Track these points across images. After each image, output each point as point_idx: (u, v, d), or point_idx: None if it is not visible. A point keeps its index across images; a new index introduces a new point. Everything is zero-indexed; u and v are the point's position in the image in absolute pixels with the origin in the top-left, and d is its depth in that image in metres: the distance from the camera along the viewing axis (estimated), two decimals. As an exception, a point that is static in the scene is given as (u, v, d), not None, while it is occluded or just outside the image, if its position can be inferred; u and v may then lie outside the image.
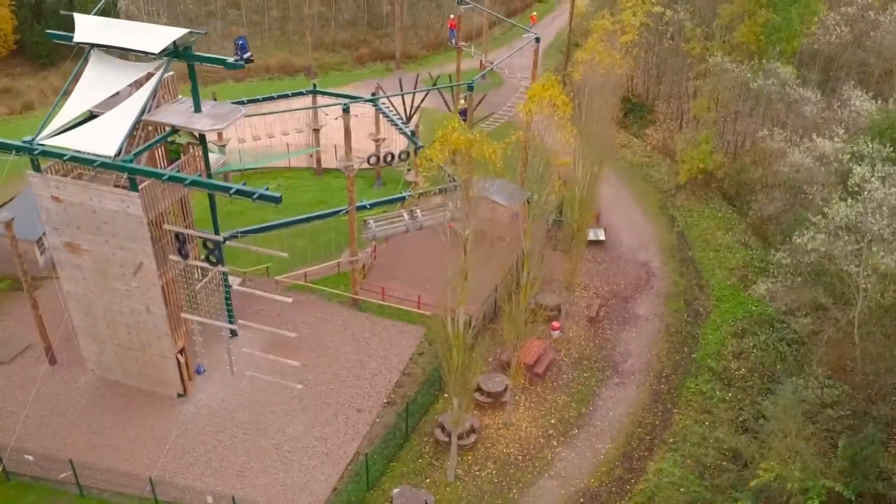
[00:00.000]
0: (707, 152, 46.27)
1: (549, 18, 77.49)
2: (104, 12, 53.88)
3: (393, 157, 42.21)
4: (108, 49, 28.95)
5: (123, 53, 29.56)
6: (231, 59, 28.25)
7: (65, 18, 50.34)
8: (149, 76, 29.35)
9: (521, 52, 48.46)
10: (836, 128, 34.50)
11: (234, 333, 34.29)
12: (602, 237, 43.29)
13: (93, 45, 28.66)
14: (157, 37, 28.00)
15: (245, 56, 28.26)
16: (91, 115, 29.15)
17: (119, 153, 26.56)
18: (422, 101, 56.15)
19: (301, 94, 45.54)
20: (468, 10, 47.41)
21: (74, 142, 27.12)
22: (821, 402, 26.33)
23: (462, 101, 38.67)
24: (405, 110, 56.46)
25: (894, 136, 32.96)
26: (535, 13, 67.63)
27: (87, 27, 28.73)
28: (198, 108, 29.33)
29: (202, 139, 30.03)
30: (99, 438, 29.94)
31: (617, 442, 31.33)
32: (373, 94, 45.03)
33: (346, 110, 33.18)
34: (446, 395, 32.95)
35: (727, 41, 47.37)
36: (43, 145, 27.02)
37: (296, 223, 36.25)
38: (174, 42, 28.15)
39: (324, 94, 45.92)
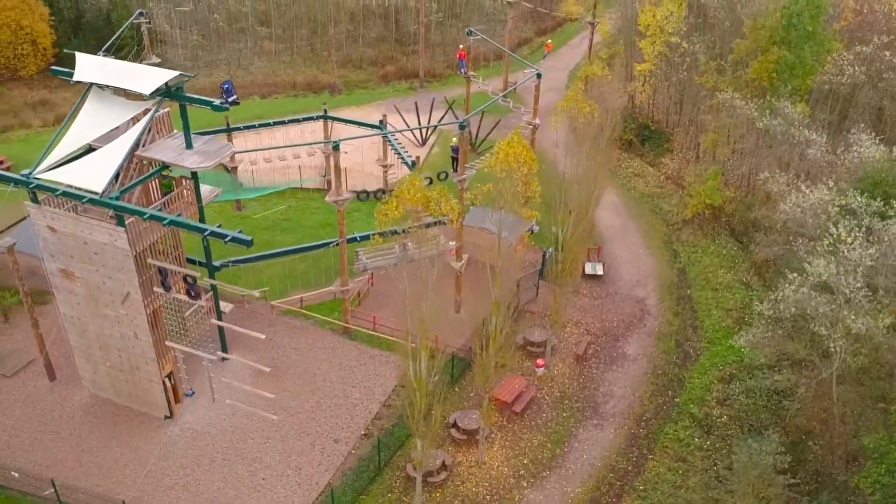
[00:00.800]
0: (714, 188, 45.94)
1: (578, 39, 77.43)
2: (138, 28, 56.11)
3: (384, 192, 42.84)
4: (105, 87, 30.31)
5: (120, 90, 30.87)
6: (217, 102, 29.23)
7: (102, 32, 52.17)
8: (146, 112, 30.63)
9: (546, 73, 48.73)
10: (826, 179, 34.06)
11: (224, 358, 35.59)
12: (600, 272, 43.36)
13: (91, 84, 30.06)
14: (149, 78, 29.22)
15: (230, 100, 29.27)
16: (90, 149, 30.60)
17: (107, 190, 27.88)
18: (438, 123, 57.18)
19: (311, 118, 46.61)
20: (477, 41, 47.79)
21: (68, 176, 28.51)
22: (773, 467, 26.17)
23: (454, 140, 39.15)
24: (421, 132, 57.46)
25: (887, 189, 32.47)
26: (550, 41, 67.50)
27: (86, 66, 30.14)
28: (189, 145, 30.48)
29: (194, 173, 31.18)
30: (87, 456, 31.38)
31: (587, 486, 31.55)
32: (380, 122, 45.84)
33: (335, 147, 33.96)
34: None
35: (740, 76, 46.92)
36: (38, 179, 28.49)
37: (284, 254, 37.17)
38: (166, 83, 29.27)
39: (334, 119, 46.90)
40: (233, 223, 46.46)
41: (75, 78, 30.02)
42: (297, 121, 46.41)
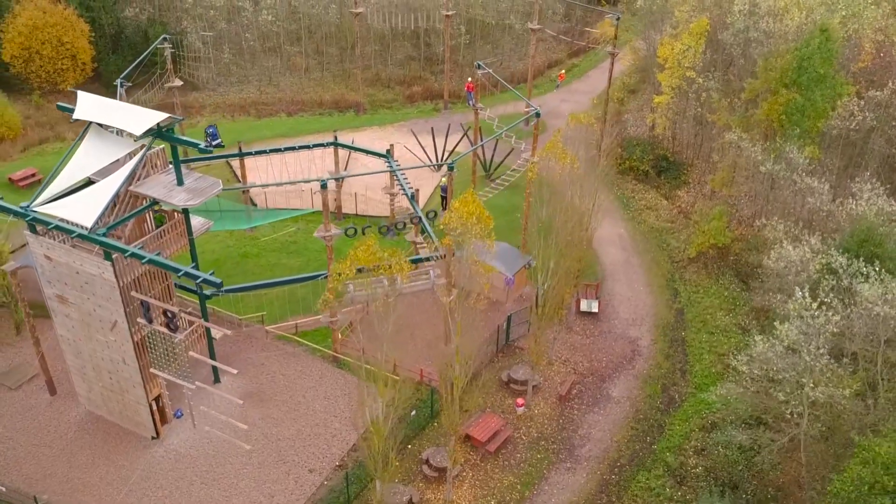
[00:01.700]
0: (719, 229, 45.61)
1: (608, 62, 76.96)
2: (175, 44, 58.29)
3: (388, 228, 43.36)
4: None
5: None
6: (202, 145, 30.50)
7: (139, 48, 54.29)
8: (142, 148, 32.15)
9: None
10: (822, 230, 33.68)
11: (217, 380, 37.10)
12: (595, 309, 43.50)
13: (90, 122, 31.75)
14: (142, 120, 30.69)
15: (214, 143, 30.55)
16: (89, 182, 32.28)
17: (96, 225, 29.43)
18: (454, 147, 57.85)
19: (321, 145, 47.73)
20: (485, 74, 48.31)
21: (62, 210, 30.18)
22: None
23: (443, 179, 39.80)
24: (436, 154, 58.19)
25: (872, 249, 32.00)
26: (563, 71, 67.38)
27: (86, 105, 31.85)
28: (180, 182, 31.90)
29: (185, 208, 32.60)
30: (75, 472, 33.11)
31: (550, 531, 31.96)
32: (387, 151, 46.72)
33: (323, 186, 34.99)
34: (397, 463, 34.44)
35: (751, 116, 46.44)
36: (35, 212, 30.24)
37: (273, 285, 38.30)
38: (157, 124, 30.70)
39: (343, 146, 47.96)
40: (243, 244, 48.13)
41: (75, 116, 31.74)
42: (308, 147, 47.52)
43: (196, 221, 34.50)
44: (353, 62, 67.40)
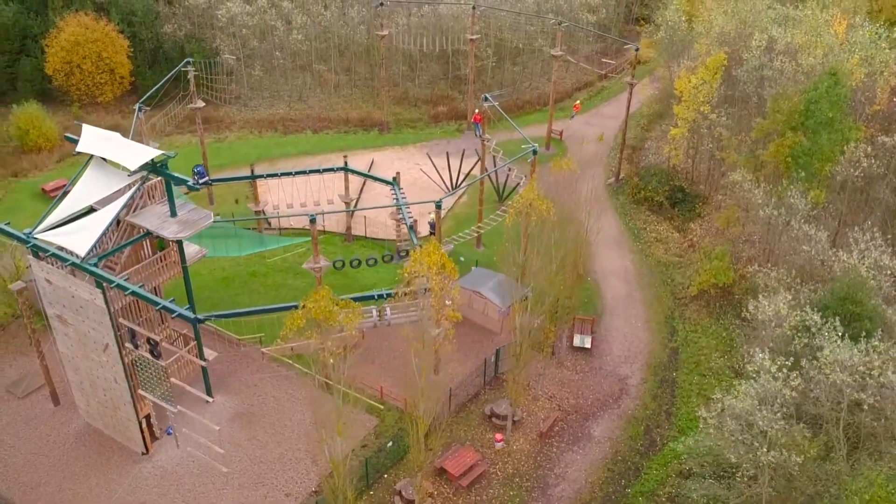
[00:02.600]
0: (720, 269, 45.39)
1: (640, 84, 76.58)
2: (208, 60, 60.42)
3: (374, 261, 44.34)
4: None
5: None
6: (190, 182, 31.97)
7: (175, 63, 56.69)
8: (142, 179, 33.87)
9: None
10: (784, 292, 33.42)
11: (209, 399, 38.70)
12: (588, 345, 43.73)
13: (91, 156, 33.63)
14: (138, 155, 32.35)
15: (202, 182, 31.93)
16: (91, 210, 34.15)
17: (89, 254, 31.20)
18: (470, 170, 58.60)
19: (332, 170, 49.04)
20: (493, 106, 48.95)
21: (60, 238, 32.04)
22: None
23: (431, 215, 40.59)
24: (451, 179, 59.05)
25: (853, 307, 31.65)
26: (579, 101, 67.13)
27: (89, 138, 33.68)
28: (173, 213, 33.50)
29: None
30: (68, 482, 35.04)
31: (512, 571, 32.53)
32: (393, 179, 47.80)
33: (312, 221, 36.20)
34: (371, 493, 35.50)
35: (758, 156, 46.05)
36: (36, 239, 32.18)
37: (262, 312, 39.60)
38: (152, 160, 32.30)
39: (352, 172, 49.19)
40: (252, 263, 49.71)
41: (78, 149, 33.58)
42: (318, 171, 48.88)
43: (191, 249, 36.10)
44: (381, 81, 68.64)
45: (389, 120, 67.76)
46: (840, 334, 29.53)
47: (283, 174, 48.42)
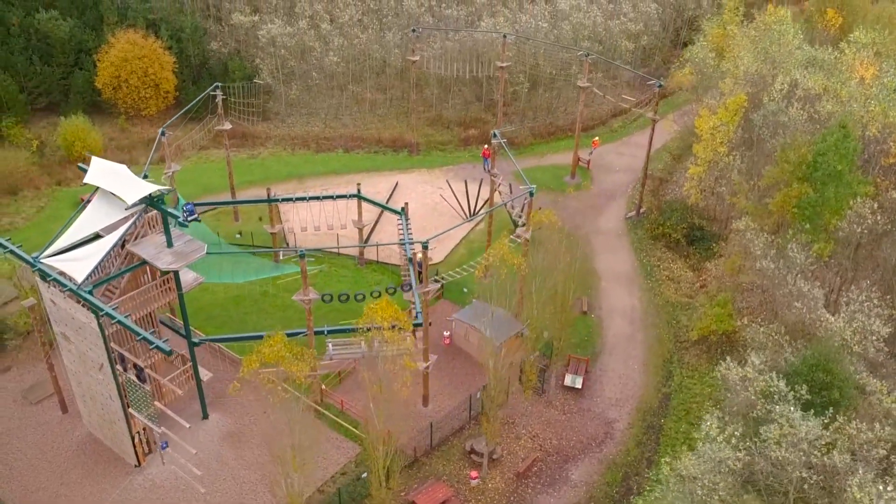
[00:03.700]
0: (721, 316, 45.04)
1: (679, 113, 75.81)
2: (246, 74, 62.79)
3: (363, 296, 45.20)
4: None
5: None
6: (181, 219, 33.78)
7: (218, 80, 59.26)
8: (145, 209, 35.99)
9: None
10: (755, 354, 33.13)
11: (205, 416, 40.78)
12: (579, 385, 44.00)
13: (97, 188, 35.93)
14: (136, 190, 34.42)
15: (191, 219, 33.68)
16: (97, 236, 36.43)
17: (86, 281, 33.40)
18: (488, 200, 59.31)
19: (344, 196, 50.47)
20: (498, 144, 49.52)
21: (62, 263, 34.35)
22: None
23: (418, 255, 41.47)
24: (469, 206, 59.96)
25: (822, 376, 31.30)
26: (597, 138, 66.70)
27: (96, 170, 35.99)
28: (170, 244, 35.47)
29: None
30: (64, 489, 37.45)
31: None
32: (401, 209, 48.87)
33: (301, 256, 37.67)
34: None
35: (766, 204, 45.48)
36: (42, 263, 34.58)
37: (251, 339, 41.12)
38: (149, 194, 34.28)
39: (365, 200, 50.54)
40: (264, 283, 51.39)
41: (85, 180, 35.90)
42: (332, 197, 50.41)
43: (189, 277, 38.04)
44: (412, 104, 69.96)
45: (420, 141, 68.99)
46: (802, 403, 29.36)
47: (297, 198, 50.09)
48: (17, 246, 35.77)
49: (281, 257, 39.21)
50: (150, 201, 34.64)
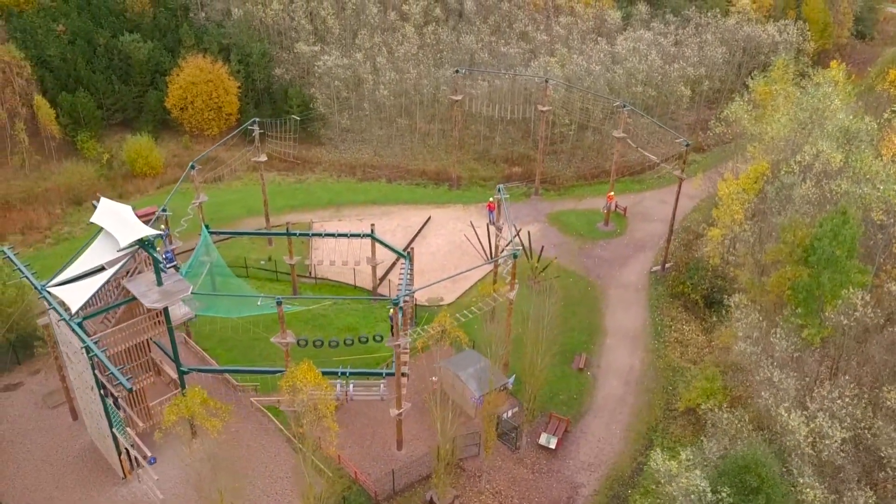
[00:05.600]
0: (711, 391, 44.40)
1: (725, 166, 73.99)
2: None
3: (352, 341, 46.94)
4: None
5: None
6: (162, 265, 36.79)
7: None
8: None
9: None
10: (706, 441, 32.81)
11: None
12: (553, 445, 44.39)
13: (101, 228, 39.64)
14: (131, 233, 37.74)
15: (170, 266, 36.65)
16: (102, 268, 40.14)
17: (78, 312, 37.05)
18: (508, 244, 60.18)
19: (358, 236, 52.73)
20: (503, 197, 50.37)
21: (63, 293, 38.17)
22: None
23: (390, 310, 42.85)
24: (489, 249, 61.08)
25: (750, 480, 30.89)
26: (612, 193, 65.41)
27: (102, 211, 39.62)
28: (159, 283, 38.68)
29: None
30: (57, 493, 41.40)
31: None
32: (407, 253, 50.65)
33: (279, 303, 40.11)
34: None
35: (764, 283, 44.45)
36: (48, 291, 38.53)
37: (233, 372, 43.88)
38: (140, 238, 37.54)
39: (377, 241, 52.62)
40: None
41: (91, 220, 39.64)
42: (346, 235, 52.76)
43: (180, 311, 41.22)
44: (453, 142, 71.57)
45: (463, 175, 70.52)
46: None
47: (313, 234, 52.80)
48: (32, 273, 39.85)
49: (259, 304, 41.81)
50: (141, 244, 37.89)
